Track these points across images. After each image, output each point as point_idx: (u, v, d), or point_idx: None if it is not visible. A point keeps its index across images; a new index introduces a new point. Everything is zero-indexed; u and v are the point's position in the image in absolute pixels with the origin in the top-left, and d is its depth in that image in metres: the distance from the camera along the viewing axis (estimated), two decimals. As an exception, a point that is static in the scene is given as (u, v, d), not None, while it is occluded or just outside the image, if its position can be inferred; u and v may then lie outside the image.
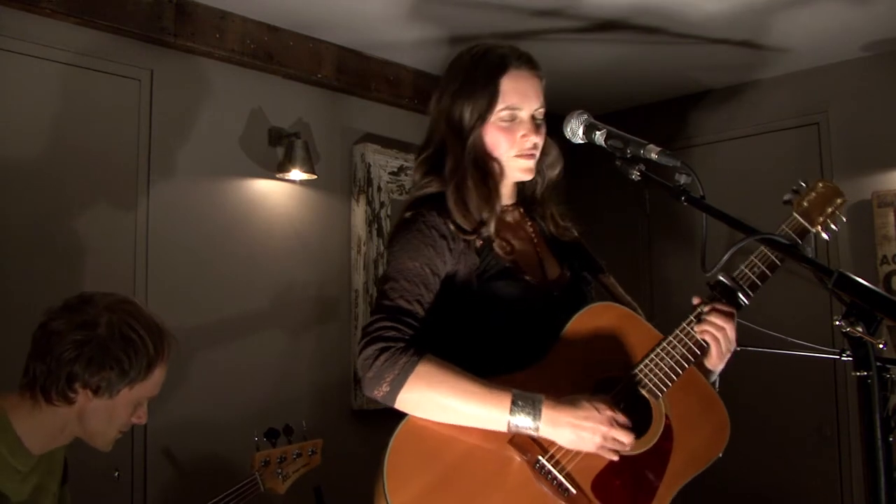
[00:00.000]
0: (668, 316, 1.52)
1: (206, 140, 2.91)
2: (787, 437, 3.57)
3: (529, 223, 1.61)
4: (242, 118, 3.05)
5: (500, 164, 1.50)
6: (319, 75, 3.22)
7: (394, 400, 1.29)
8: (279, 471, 2.05)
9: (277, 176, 3.10)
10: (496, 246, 1.47)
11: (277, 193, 3.14)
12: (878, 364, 0.96)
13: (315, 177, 3.12)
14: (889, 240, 3.29)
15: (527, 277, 1.47)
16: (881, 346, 0.97)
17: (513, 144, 1.47)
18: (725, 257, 1.44)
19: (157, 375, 1.53)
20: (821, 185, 1.55)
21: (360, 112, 3.46)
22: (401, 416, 1.32)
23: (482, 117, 1.46)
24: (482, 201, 1.46)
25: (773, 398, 3.61)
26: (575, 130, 1.42)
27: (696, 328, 1.42)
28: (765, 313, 1.82)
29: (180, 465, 2.72)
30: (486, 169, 1.49)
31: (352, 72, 3.34)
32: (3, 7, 2.38)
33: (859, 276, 1.00)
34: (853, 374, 0.98)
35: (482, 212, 1.46)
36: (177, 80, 2.84)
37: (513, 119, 1.46)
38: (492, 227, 1.47)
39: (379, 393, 1.29)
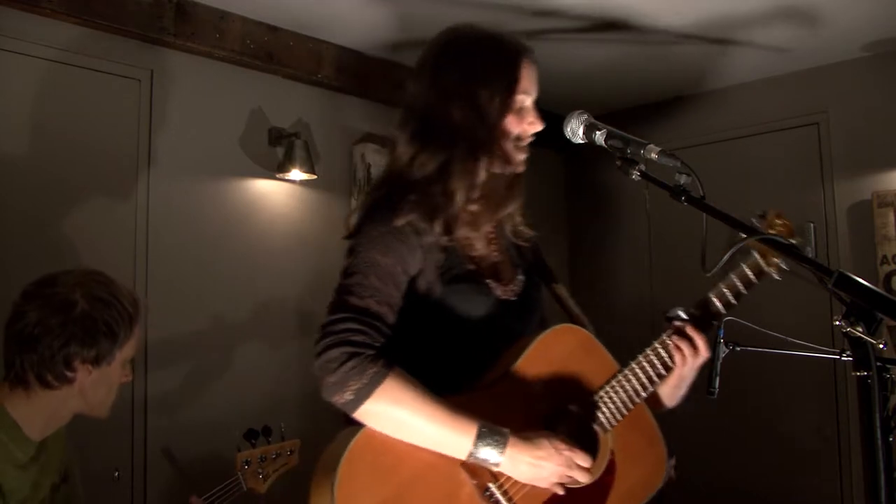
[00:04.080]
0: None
1: (206, 140, 2.91)
2: (786, 437, 3.57)
3: None
4: (242, 118, 3.05)
5: (504, 154, 1.41)
6: (319, 75, 3.22)
7: (355, 409, 1.23)
8: (260, 471, 2.08)
9: (277, 176, 3.10)
10: (461, 245, 1.40)
11: (277, 193, 3.14)
12: (878, 364, 0.96)
13: (315, 177, 3.12)
14: (889, 240, 3.29)
15: (488, 281, 1.42)
16: (881, 346, 0.97)
17: (522, 133, 1.41)
18: (725, 257, 1.44)
19: (137, 332, 1.59)
20: (779, 221, 1.44)
21: (360, 112, 3.46)
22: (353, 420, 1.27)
23: (504, 104, 1.38)
24: (490, 198, 1.39)
25: (773, 398, 3.61)
26: (575, 130, 1.41)
27: (671, 338, 1.41)
28: (765, 313, 1.82)
29: (180, 465, 2.72)
30: (504, 159, 1.40)
31: (352, 72, 3.34)
32: (3, 7, 2.37)
33: (859, 276, 1.00)
34: (853, 374, 0.98)
35: (487, 210, 1.39)
36: (177, 80, 2.84)
37: (522, 107, 1.41)
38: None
39: (340, 399, 1.22)
